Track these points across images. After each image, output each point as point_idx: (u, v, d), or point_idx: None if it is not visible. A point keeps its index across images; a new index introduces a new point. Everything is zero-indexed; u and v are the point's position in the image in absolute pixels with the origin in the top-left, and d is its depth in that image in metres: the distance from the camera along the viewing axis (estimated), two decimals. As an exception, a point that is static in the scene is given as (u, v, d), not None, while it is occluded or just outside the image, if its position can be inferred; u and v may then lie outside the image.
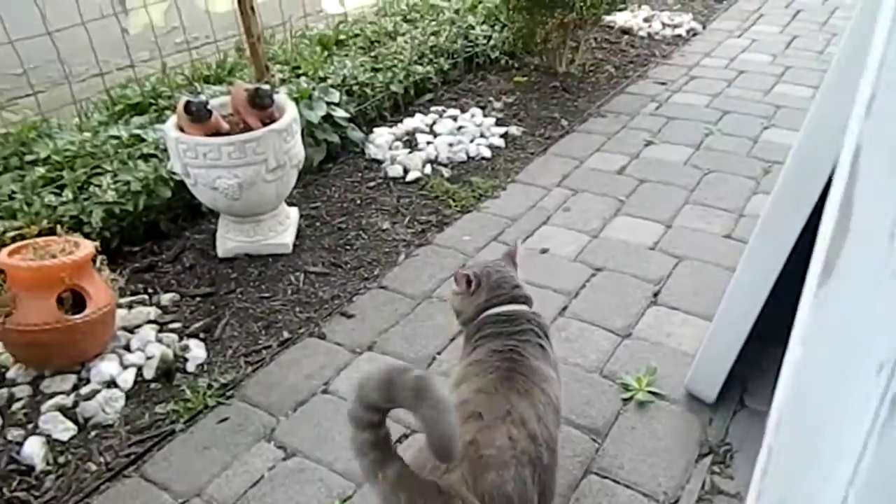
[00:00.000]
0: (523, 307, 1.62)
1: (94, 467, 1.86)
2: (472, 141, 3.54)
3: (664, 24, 5.33)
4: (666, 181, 3.20)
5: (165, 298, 2.47)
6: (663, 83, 4.33)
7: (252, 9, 3.04)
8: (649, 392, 2.02)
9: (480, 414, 1.33)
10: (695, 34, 5.25)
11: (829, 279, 0.37)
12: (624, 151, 3.50)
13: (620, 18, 5.31)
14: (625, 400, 2.01)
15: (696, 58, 4.75)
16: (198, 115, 2.47)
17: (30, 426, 1.95)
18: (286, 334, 2.33)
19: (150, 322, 2.35)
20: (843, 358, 0.38)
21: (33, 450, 1.86)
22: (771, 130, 3.65)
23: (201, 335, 2.32)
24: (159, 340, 2.26)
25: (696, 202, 3.02)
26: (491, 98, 4.09)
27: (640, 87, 4.31)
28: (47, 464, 1.86)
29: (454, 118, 3.76)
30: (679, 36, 5.18)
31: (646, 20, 5.38)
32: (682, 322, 2.31)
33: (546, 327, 1.62)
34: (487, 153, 3.46)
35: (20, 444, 1.89)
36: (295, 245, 2.77)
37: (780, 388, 0.42)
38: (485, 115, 3.82)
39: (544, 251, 2.72)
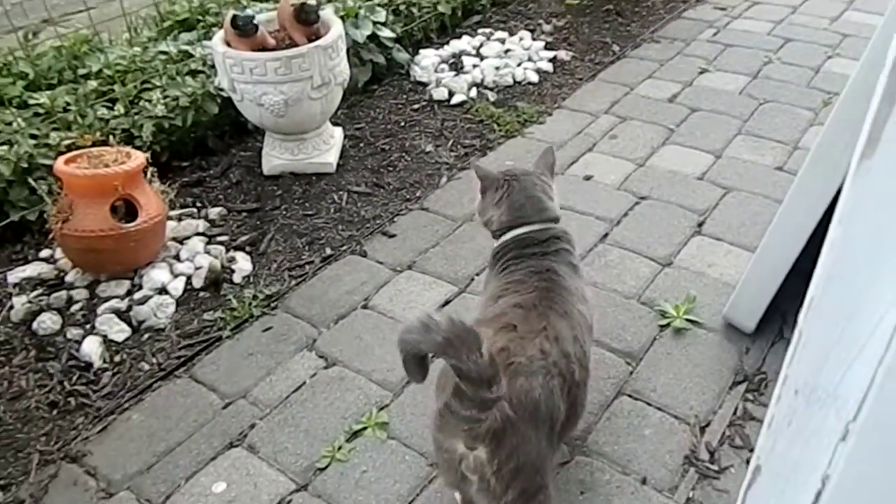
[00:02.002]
0: (550, 225, 1.59)
1: (146, 367, 1.96)
2: (519, 65, 3.46)
3: (728, -54, 5.03)
4: (719, 110, 3.09)
5: (213, 212, 2.54)
6: (723, 8, 4.13)
7: (299, -79, 2.97)
8: (687, 320, 2.01)
9: (515, 326, 1.35)
10: (761, -43, 4.95)
11: (873, 153, 0.36)
12: (677, 79, 3.38)
13: (682, -61, 5.02)
14: (662, 326, 2.02)
15: (761, -18, 4.50)
16: (244, 30, 2.46)
17: (87, 326, 2.06)
18: (328, 251, 2.38)
19: (198, 234, 2.42)
20: (882, 235, 0.37)
21: (91, 348, 1.97)
22: (835, 60, 3.47)
23: (247, 249, 2.38)
24: (207, 252, 2.33)
25: (749, 133, 2.92)
26: (541, 21, 3.97)
27: (698, 12, 4.12)
28: (104, 362, 1.96)
29: (502, 41, 3.67)
30: (744, -42, 4.88)
31: (709, -59, 5.08)
32: (726, 253, 2.28)
33: (573, 240, 1.61)
34: (535, 78, 3.39)
35: (79, 342, 2.00)
36: (338, 165, 2.79)
37: (817, 272, 0.42)
38: (533, 39, 3.72)
39: (588, 178, 2.68)
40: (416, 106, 3.21)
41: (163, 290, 2.18)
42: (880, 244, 0.38)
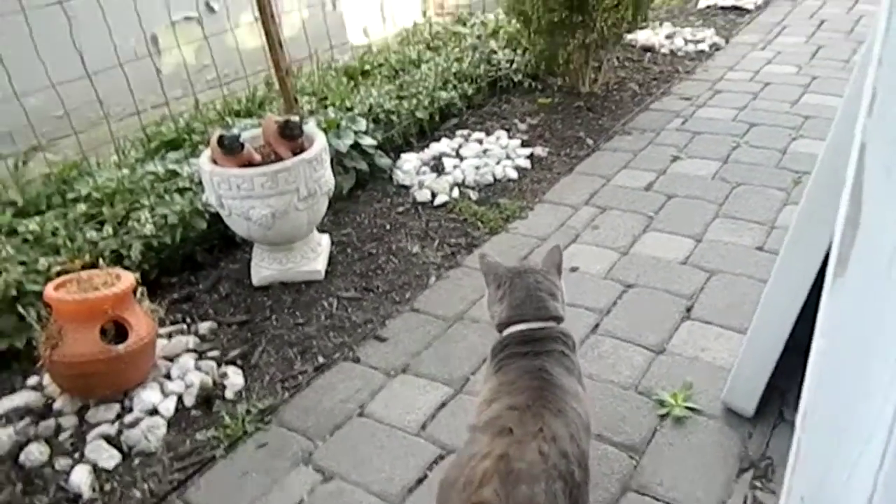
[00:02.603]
0: (549, 324, 1.60)
1: (138, 494, 1.90)
2: (498, 163, 3.57)
3: (686, 41, 5.34)
4: (694, 196, 3.19)
5: (203, 327, 2.53)
6: (688, 98, 4.33)
7: (280, 44, 3.13)
8: (686, 407, 2.00)
9: (511, 430, 1.34)
10: (718, 49, 5.25)
11: (843, 271, 0.38)
12: (651, 168, 3.50)
13: (642, 36, 5.33)
14: (661, 416, 2.00)
15: (721, 72, 4.75)
16: (230, 148, 2.54)
17: (76, 455, 2.01)
18: (321, 359, 2.37)
19: (189, 351, 2.40)
20: (862, 347, 0.39)
21: (80, 478, 1.91)
22: (799, 141, 3.62)
23: (239, 362, 2.37)
24: (198, 368, 2.31)
25: (726, 215, 3.00)
26: (515, 120, 4.13)
27: (665, 103, 4.31)
28: (94, 491, 1.90)
29: (480, 141, 3.80)
30: (702, 51, 5.18)
31: (668, 37, 5.40)
32: (717, 336, 2.29)
33: (572, 340, 1.61)
34: (514, 174, 3.49)
35: (67, 473, 1.94)
36: (327, 271, 2.82)
37: (806, 383, 0.43)
38: (510, 138, 3.85)
39: (574, 269, 2.72)
40: (400, 209, 3.28)
41: (154, 412, 2.14)
42: (862, 357, 0.39)
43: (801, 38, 5.29)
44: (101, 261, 2.41)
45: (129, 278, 2.20)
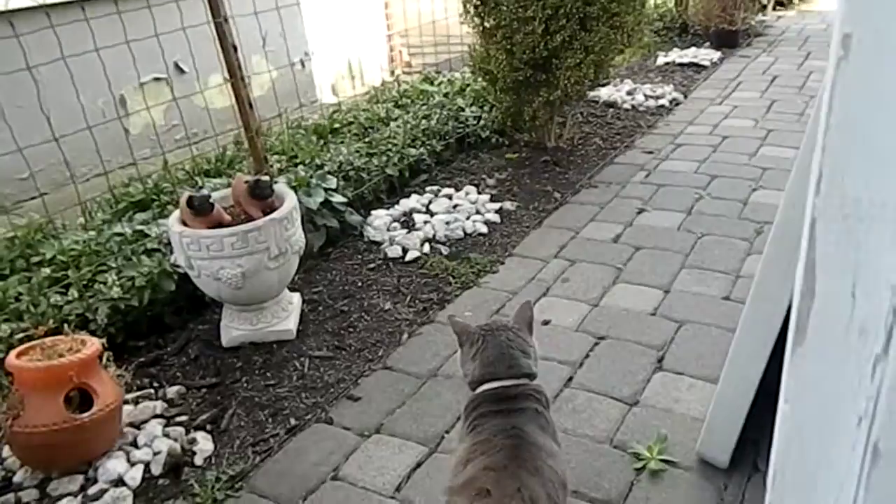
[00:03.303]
0: (522, 381, 1.58)
1: (102, 570, 1.82)
2: (468, 218, 3.61)
3: (647, 96, 5.52)
4: (661, 247, 3.25)
5: (171, 391, 2.47)
6: (650, 152, 4.46)
7: (250, 104, 3.17)
8: (661, 460, 2.00)
9: (489, 491, 1.32)
10: (677, 104, 5.44)
11: (802, 340, 0.40)
12: (617, 220, 3.57)
13: (605, 93, 5.50)
14: (637, 469, 1.99)
15: (681, 126, 4.91)
16: (200, 209, 2.54)
17: (37, 531, 1.92)
18: (293, 421, 2.32)
19: (156, 416, 2.34)
20: (825, 413, 0.40)
21: (40, 555, 1.83)
22: (760, 192, 3.73)
23: (208, 427, 2.31)
24: (166, 435, 2.24)
25: (693, 266, 3.06)
26: (484, 175, 4.20)
27: (629, 156, 4.43)
28: (54, 569, 1.82)
29: (449, 197, 3.85)
30: (662, 106, 5.36)
31: (629, 93, 5.58)
32: (689, 386, 2.31)
33: (545, 397, 1.59)
34: (484, 229, 3.53)
35: (27, 550, 1.86)
36: (298, 330, 2.79)
37: (774, 442, 0.45)
38: (479, 193, 3.91)
39: (546, 322, 2.74)
40: (371, 265, 3.28)
41: (119, 482, 2.07)
42: (824, 422, 0.41)
43: (755, 93, 5.51)
44: (65, 326, 2.35)
45: (94, 344, 2.16)
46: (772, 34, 7.60)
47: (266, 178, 2.73)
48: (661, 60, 6.61)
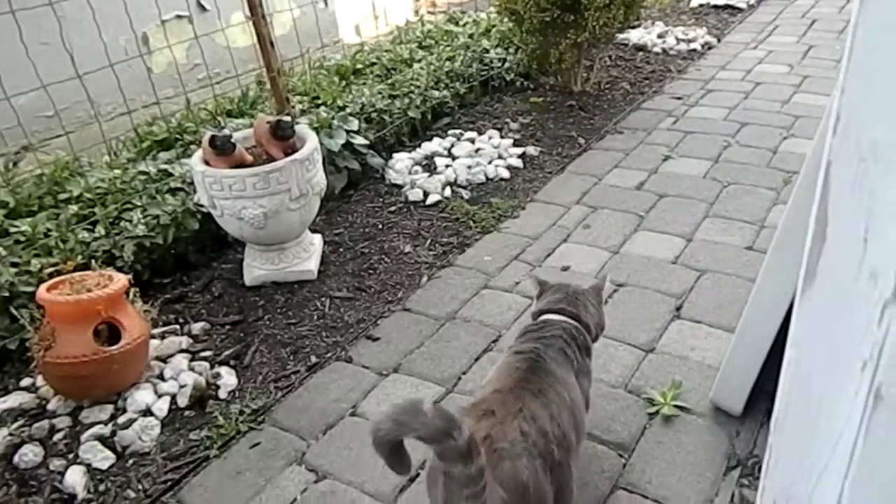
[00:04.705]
0: (565, 319, 1.71)
1: (132, 494, 1.91)
2: (490, 162, 3.59)
3: (678, 40, 5.36)
4: (685, 195, 3.21)
5: (196, 327, 2.54)
6: (679, 98, 4.36)
7: (272, 43, 3.14)
8: (675, 406, 2.02)
9: (493, 411, 1.41)
10: (710, 48, 5.27)
11: (811, 285, 0.40)
12: (642, 167, 3.52)
13: (634, 36, 5.35)
14: (650, 415, 2.02)
15: (712, 71, 4.77)
16: (222, 149, 2.55)
17: (70, 456, 2.01)
18: (314, 359, 2.38)
19: (181, 351, 2.41)
20: (830, 358, 0.40)
21: (75, 479, 1.92)
22: (790, 140, 3.65)
23: (232, 362, 2.38)
24: (191, 369, 2.31)
25: (717, 215, 3.03)
26: (507, 119, 4.15)
27: (657, 102, 4.33)
28: (88, 492, 1.91)
29: (472, 141, 3.82)
30: (694, 50, 5.20)
31: (660, 36, 5.42)
32: (706, 335, 2.32)
33: (583, 339, 1.70)
34: (506, 174, 3.51)
35: (62, 473, 1.95)
36: (319, 271, 2.83)
37: (778, 388, 0.45)
38: (502, 137, 3.87)
39: (565, 269, 2.74)
40: (392, 208, 3.29)
41: (147, 412, 2.15)
42: (829, 367, 0.41)
43: (792, 38, 5.32)
44: (93, 262, 2.41)
45: (121, 279, 2.21)
46: (813, -25, 7.27)
47: (288, 118, 2.72)
48: (694, 2, 6.38)
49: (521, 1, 4.04)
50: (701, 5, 6.31)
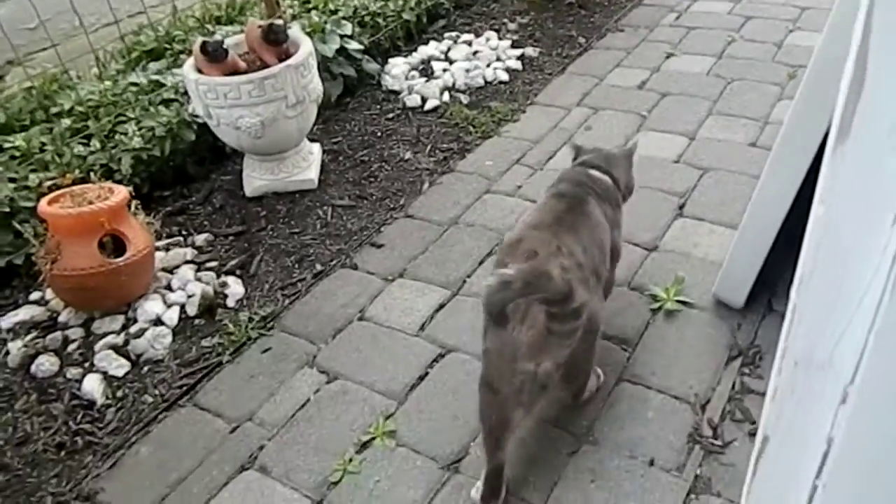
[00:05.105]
0: (600, 174, 1.86)
1: (150, 399, 1.97)
2: (488, 65, 3.50)
3: (681, -70, 5.10)
4: (688, 93, 3.15)
5: (200, 239, 2.54)
6: (682, -8, 4.20)
7: (258, -57, 2.99)
8: (678, 301, 2.05)
9: (536, 252, 1.55)
10: (714, -62, 5.03)
11: (846, 138, 0.39)
12: (644, 66, 3.43)
13: (635, -73, 5.09)
14: (653, 310, 2.05)
15: (717, -37, 4.57)
16: (215, 55, 2.48)
17: (86, 364, 2.06)
18: (319, 266, 2.40)
19: (187, 262, 2.43)
20: (860, 213, 0.40)
21: (92, 386, 1.97)
22: (796, 34, 3.54)
23: (238, 272, 2.40)
24: (198, 279, 2.33)
25: (720, 112, 2.98)
26: (505, 20, 4.01)
27: (659, -2, 4.18)
28: (107, 398, 1.97)
29: (469, 43, 3.71)
30: (697, -59, 4.96)
31: (662, -73, 5.16)
32: (709, 232, 2.33)
33: (614, 196, 1.87)
34: (505, 77, 3.43)
35: (79, 381, 2.00)
36: (320, 180, 2.81)
37: (804, 249, 0.45)
38: (500, 38, 3.76)
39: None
40: (390, 115, 3.23)
41: (158, 322, 2.18)
42: (859, 221, 0.41)
43: (800, -75, 5.07)
44: (92, 175, 2.39)
45: (122, 192, 2.19)
46: None
47: (280, 23, 2.63)
48: None
49: None
50: None
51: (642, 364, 1.89)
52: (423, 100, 3.27)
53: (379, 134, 3.10)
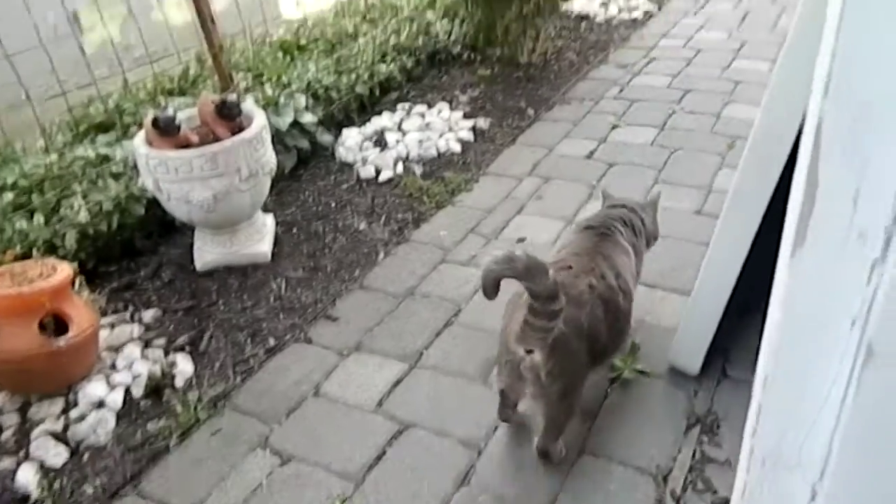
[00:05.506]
0: (624, 210, 2.09)
1: (90, 490, 1.85)
2: (441, 136, 3.56)
3: (620, 9, 5.40)
4: (634, 163, 3.26)
5: (147, 315, 2.46)
6: (624, 66, 4.40)
7: (212, 20, 3.03)
8: (635, 370, 2.06)
9: (570, 266, 1.79)
10: (651, 16, 5.33)
11: (801, 245, 0.40)
12: (591, 136, 3.55)
13: (577, 5, 5.37)
14: (612, 379, 2.06)
15: (655, 39, 4.83)
16: (166, 129, 2.46)
17: (21, 454, 1.94)
18: (272, 341, 2.34)
19: (133, 340, 2.34)
20: (820, 317, 0.41)
21: (27, 478, 1.85)
22: (732, 106, 3.73)
23: (187, 349, 2.32)
24: (145, 358, 2.25)
25: (665, 181, 3.08)
26: (456, 92, 4.12)
27: (602, 71, 4.37)
28: (42, 491, 1.84)
29: (422, 115, 3.78)
30: (636, 19, 5.25)
31: (602, 5, 5.45)
32: (662, 299, 2.37)
33: (638, 226, 2.07)
34: (457, 147, 3.49)
35: (13, 472, 1.88)
36: (273, 252, 2.78)
37: (763, 349, 0.46)
38: (452, 110, 3.84)
39: (521, 240, 2.75)
40: (344, 186, 3.24)
41: (101, 405, 2.08)
42: (819, 325, 0.42)
43: (729, 5, 5.42)
44: (34, 252, 2.31)
45: (65, 269, 2.12)
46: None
47: (234, 97, 2.64)
48: (635, -30, 6.42)
49: (465, -28, 4.00)
50: (641, -26, 6.35)
51: (603, 435, 1.88)
52: (378, 171, 3.30)
53: (333, 205, 3.10)
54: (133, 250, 2.79)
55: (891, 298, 0.37)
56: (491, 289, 1.51)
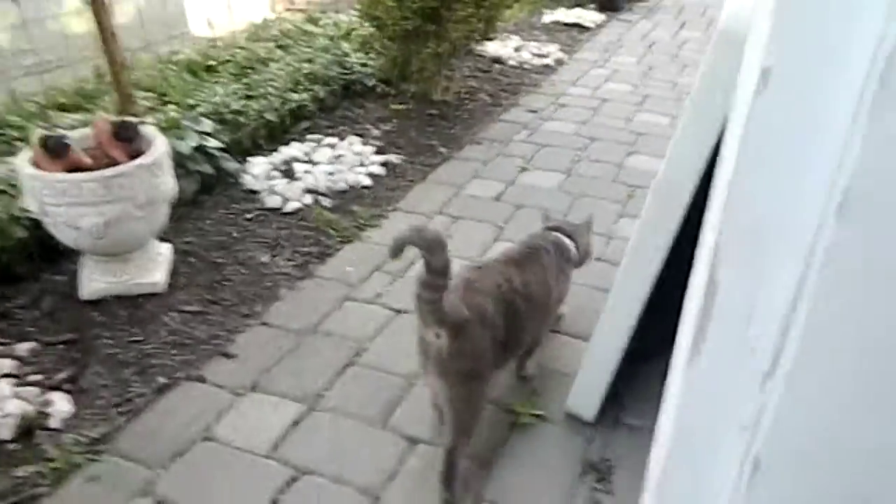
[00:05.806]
0: (560, 236, 2.27)
1: (-58, 545, 1.67)
2: (351, 169, 3.53)
3: (533, 54, 5.58)
4: (540, 206, 3.31)
5: (22, 348, 2.28)
6: (534, 111, 4.53)
7: (113, 34, 2.89)
8: (533, 415, 2.08)
9: (481, 268, 1.98)
10: (561, 64, 5.54)
11: (697, 356, 0.41)
12: (500, 178, 3.62)
13: (492, 48, 5.50)
14: (511, 425, 2.07)
15: (564, 87, 5.01)
16: (55, 151, 2.31)
17: None
18: (162, 379, 2.21)
19: (5, 376, 2.15)
20: (712, 423, 0.42)
21: None
22: (633, 157, 3.90)
23: (65, 386, 2.15)
24: (17, 396, 2.07)
25: (569, 226, 3.16)
26: (369, 126, 4.11)
27: (513, 114, 4.48)
28: None
29: (332, 146, 3.74)
30: (547, 65, 5.44)
31: (516, 50, 5.61)
32: (562, 345, 2.41)
33: (568, 253, 2.24)
34: (368, 181, 3.47)
35: None
36: (168, 283, 2.64)
37: (654, 458, 0.46)
38: (363, 144, 3.83)
39: (428, 280, 2.75)
40: (248, 215, 3.15)
41: (-39, 448, 1.89)
42: (711, 431, 0.42)
43: (634, 58, 5.71)
44: None
45: (-71, 297, 1.93)
46: (652, 0, 7.87)
47: (132, 119, 2.52)
48: (547, 18, 6.69)
49: (382, 7, 4.03)
50: (553, 22, 6.62)
51: (500, 482, 1.88)
52: (284, 201, 3.22)
53: (235, 235, 3.00)
54: (11, 276, 2.59)
55: (779, 411, 0.38)
56: (396, 249, 1.64)
